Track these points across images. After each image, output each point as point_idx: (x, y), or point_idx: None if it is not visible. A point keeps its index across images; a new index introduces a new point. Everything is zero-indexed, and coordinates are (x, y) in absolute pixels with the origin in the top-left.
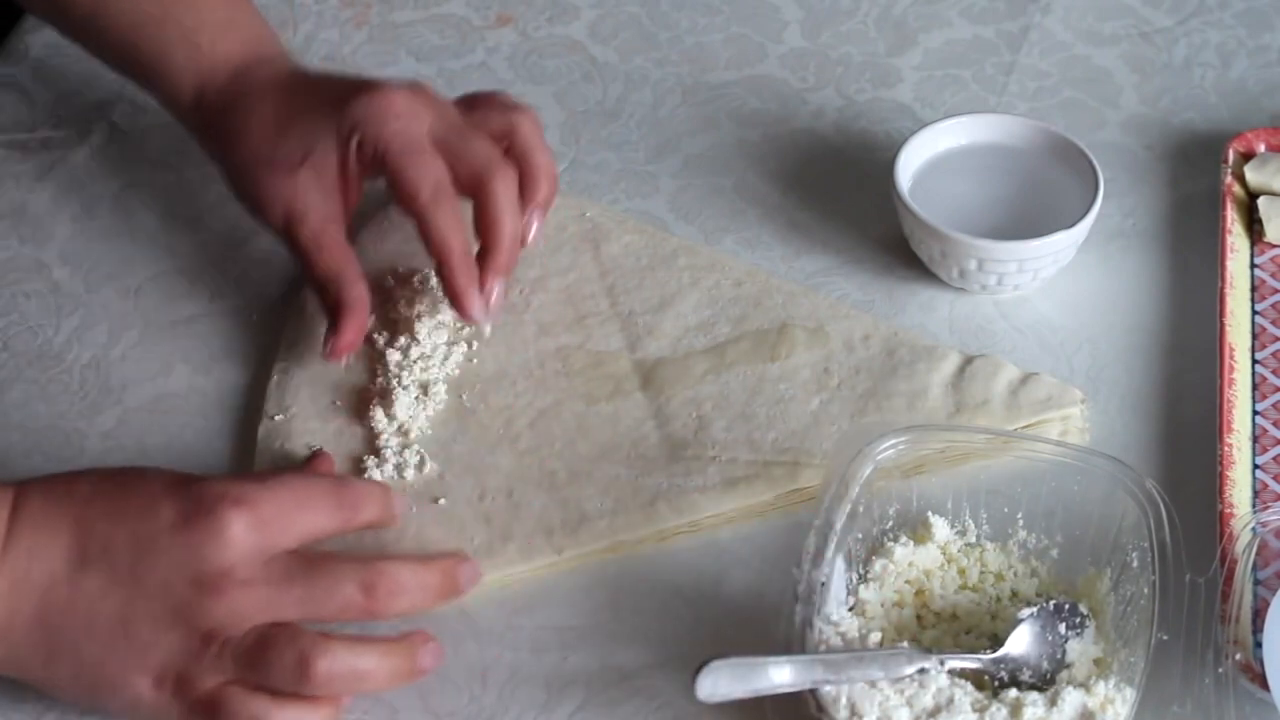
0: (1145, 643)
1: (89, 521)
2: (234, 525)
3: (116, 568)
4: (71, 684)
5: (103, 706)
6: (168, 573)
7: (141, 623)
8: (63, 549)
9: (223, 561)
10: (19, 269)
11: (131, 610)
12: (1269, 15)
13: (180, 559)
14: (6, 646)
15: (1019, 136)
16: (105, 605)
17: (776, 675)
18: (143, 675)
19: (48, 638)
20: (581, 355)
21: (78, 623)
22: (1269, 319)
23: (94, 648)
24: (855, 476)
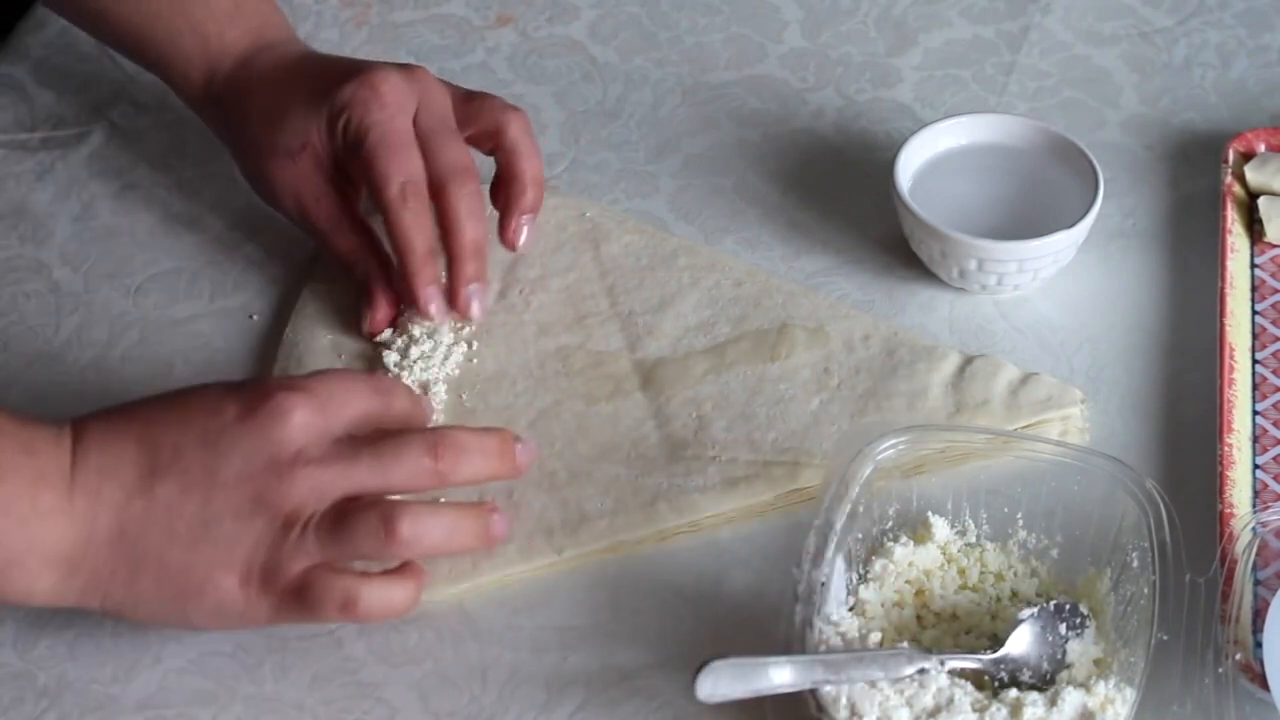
0: (1145, 643)
1: (154, 434)
2: (296, 409)
3: (189, 470)
4: (155, 596)
5: (187, 615)
6: (241, 464)
7: (223, 518)
8: (132, 464)
9: (292, 443)
10: (19, 269)
11: (210, 508)
12: (1269, 15)
13: (251, 448)
14: (87, 570)
15: (1019, 136)
16: (184, 508)
17: (777, 675)
18: (229, 572)
19: (129, 552)
20: (581, 355)
21: (158, 531)
22: (1269, 319)
23: (177, 552)
24: (855, 476)
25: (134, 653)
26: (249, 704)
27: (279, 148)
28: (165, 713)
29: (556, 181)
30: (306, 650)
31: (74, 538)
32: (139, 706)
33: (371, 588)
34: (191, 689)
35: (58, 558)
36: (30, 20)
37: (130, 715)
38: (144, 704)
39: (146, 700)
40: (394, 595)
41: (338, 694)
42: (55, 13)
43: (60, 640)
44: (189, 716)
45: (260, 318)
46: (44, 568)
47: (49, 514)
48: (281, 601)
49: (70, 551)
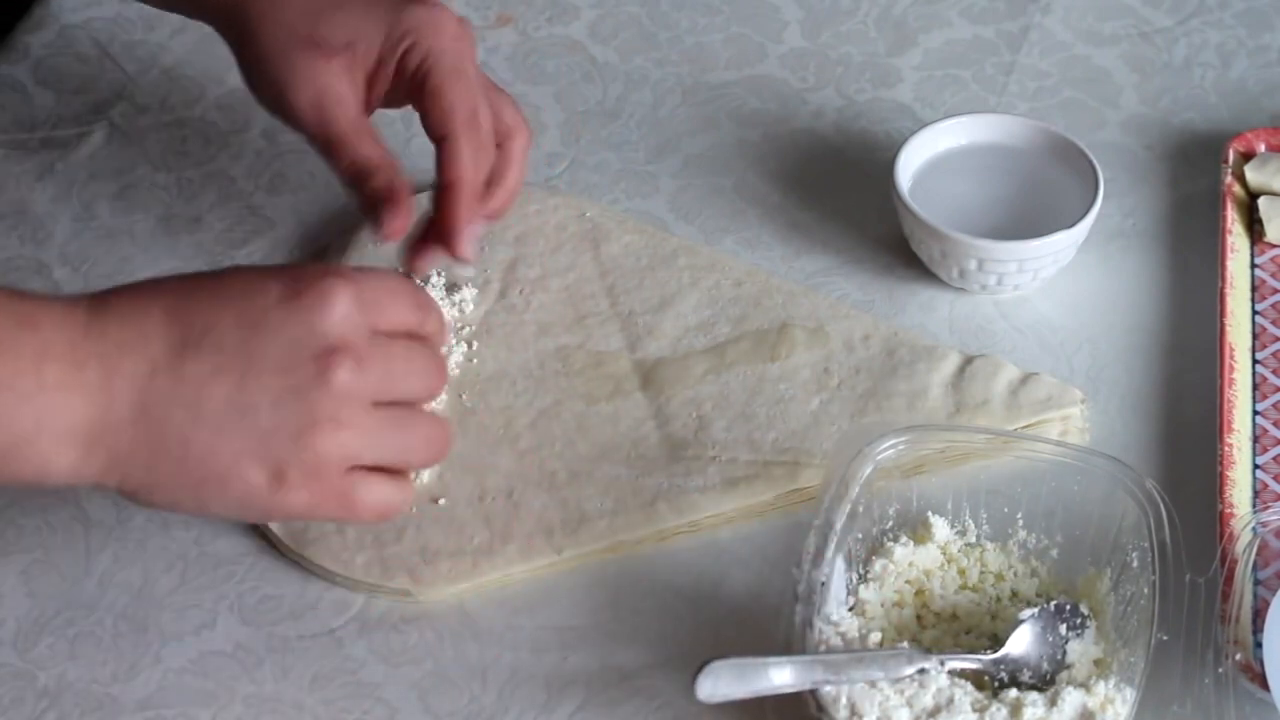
0: (1145, 643)
1: (186, 308)
2: (341, 300)
3: (224, 349)
4: (175, 483)
5: (205, 502)
6: (282, 351)
7: (259, 406)
8: (159, 337)
9: (335, 335)
10: (19, 269)
11: (245, 393)
12: (1269, 15)
13: (294, 335)
14: (106, 447)
15: (1019, 136)
16: (215, 389)
17: (777, 676)
18: (258, 465)
19: (151, 430)
20: (581, 355)
21: (184, 410)
22: (1269, 319)
23: (203, 435)
24: (855, 476)
25: (134, 653)
26: (249, 704)
27: (316, 39)
28: (165, 713)
29: (557, 181)
30: (306, 650)
31: (89, 413)
32: (139, 706)
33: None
34: (191, 689)
35: (73, 434)
36: (30, 20)
37: (130, 715)
38: (144, 704)
39: (146, 700)
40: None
41: (338, 694)
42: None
43: (60, 640)
44: (189, 716)
45: None
46: (59, 445)
47: (57, 389)
48: (314, 501)
49: (87, 427)
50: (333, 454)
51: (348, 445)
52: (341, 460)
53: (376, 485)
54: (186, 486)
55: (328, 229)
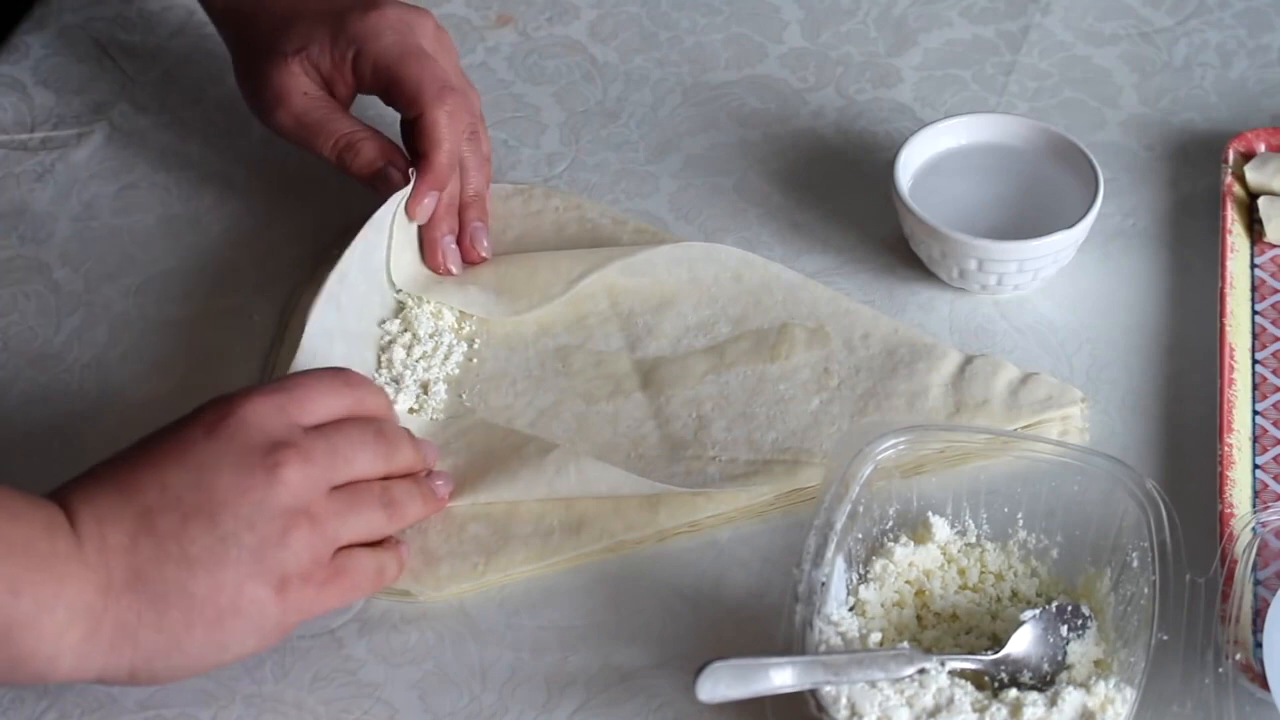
0: (1145, 643)
1: (133, 477)
2: (255, 408)
3: (183, 499)
4: (188, 630)
5: (226, 643)
6: (230, 476)
7: (235, 530)
8: (124, 509)
9: (267, 441)
10: (19, 269)
11: (218, 525)
12: (1269, 15)
13: (233, 459)
14: (112, 621)
15: (1019, 136)
16: (192, 533)
17: (777, 677)
18: (260, 583)
19: (151, 592)
20: (581, 355)
21: (173, 564)
22: (1269, 319)
23: (200, 579)
24: (855, 476)
25: None
26: (249, 704)
27: (275, 49)
28: (165, 713)
29: (557, 181)
30: (306, 650)
31: (93, 585)
32: (139, 706)
33: (388, 556)
34: (191, 689)
35: (82, 607)
36: (30, 20)
37: (130, 715)
38: (144, 704)
39: (146, 700)
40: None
41: (338, 694)
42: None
43: None
44: (189, 716)
45: (260, 318)
46: (71, 619)
47: (66, 558)
48: (318, 593)
49: (92, 601)
50: (317, 545)
51: (325, 532)
52: (325, 547)
53: (363, 557)
54: (201, 633)
55: (328, 229)
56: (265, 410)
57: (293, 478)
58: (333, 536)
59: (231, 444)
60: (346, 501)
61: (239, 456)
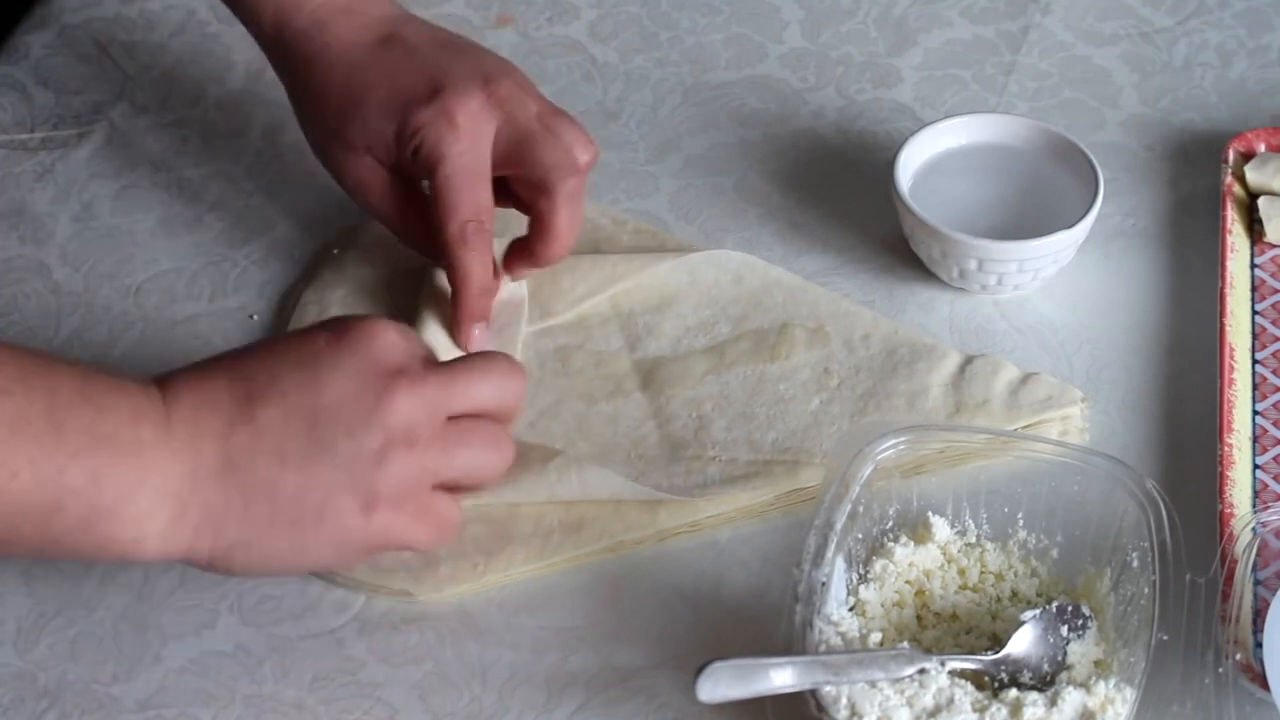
0: (1145, 643)
1: (244, 367)
2: (386, 330)
3: (288, 393)
4: (271, 529)
5: (307, 547)
6: (343, 382)
7: (335, 438)
8: (227, 396)
9: (389, 360)
10: (19, 269)
11: (319, 428)
12: (1269, 15)
13: (350, 365)
14: (198, 506)
15: (1019, 136)
16: (291, 431)
17: (777, 677)
18: (349, 495)
19: (239, 481)
20: (581, 355)
21: (267, 456)
22: (1269, 319)
23: (290, 475)
24: (855, 476)
25: (134, 653)
26: (249, 704)
27: (344, 139)
28: (165, 713)
29: None
30: (307, 650)
31: (179, 471)
32: (139, 706)
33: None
34: (192, 689)
35: (167, 492)
36: (30, 20)
37: (130, 715)
38: (144, 704)
39: (147, 700)
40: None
41: (338, 694)
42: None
43: (61, 640)
44: (189, 716)
45: (260, 318)
46: (156, 504)
47: (152, 445)
48: (406, 521)
49: (178, 486)
50: (413, 471)
51: (425, 460)
52: (423, 475)
53: (454, 505)
54: (282, 532)
55: (328, 229)
56: (391, 336)
57: (403, 401)
58: (432, 468)
59: (352, 355)
60: (456, 436)
61: (356, 368)
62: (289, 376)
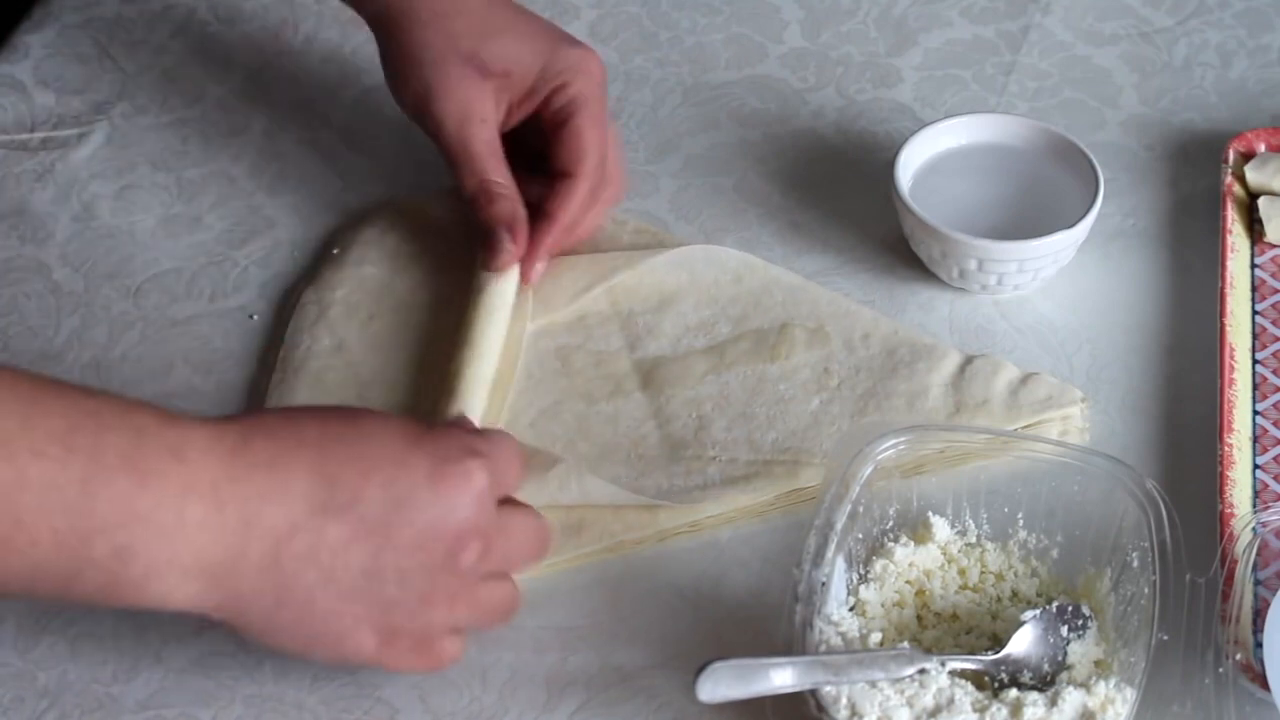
0: (1145, 643)
1: (330, 469)
2: (480, 479)
3: (366, 520)
4: (289, 631)
5: (312, 652)
6: (422, 531)
7: (386, 578)
8: (302, 495)
9: (471, 518)
10: (19, 269)
11: (378, 563)
12: (1269, 15)
13: (434, 516)
14: (230, 588)
15: (1019, 136)
16: (351, 558)
17: (777, 677)
18: (374, 630)
19: (279, 583)
20: (581, 355)
21: (318, 572)
22: (1269, 319)
23: (330, 597)
24: (855, 476)
25: (135, 652)
26: (249, 704)
27: (479, 59)
28: (166, 713)
29: None
30: None
31: (222, 555)
32: (139, 706)
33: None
34: (192, 689)
35: (200, 570)
36: (30, 20)
37: (131, 715)
38: (144, 704)
39: (147, 700)
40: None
41: (338, 694)
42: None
43: (61, 640)
44: (189, 716)
45: (260, 318)
46: (185, 578)
47: (196, 527)
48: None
49: (215, 568)
50: (445, 625)
51: (458, 618)
52: (449, 629)
53: (459, 642)
54: (300, 638)
55: (328, 229)
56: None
57: (466, 566)
58: (460, 623)
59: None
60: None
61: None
62: (373, 504)
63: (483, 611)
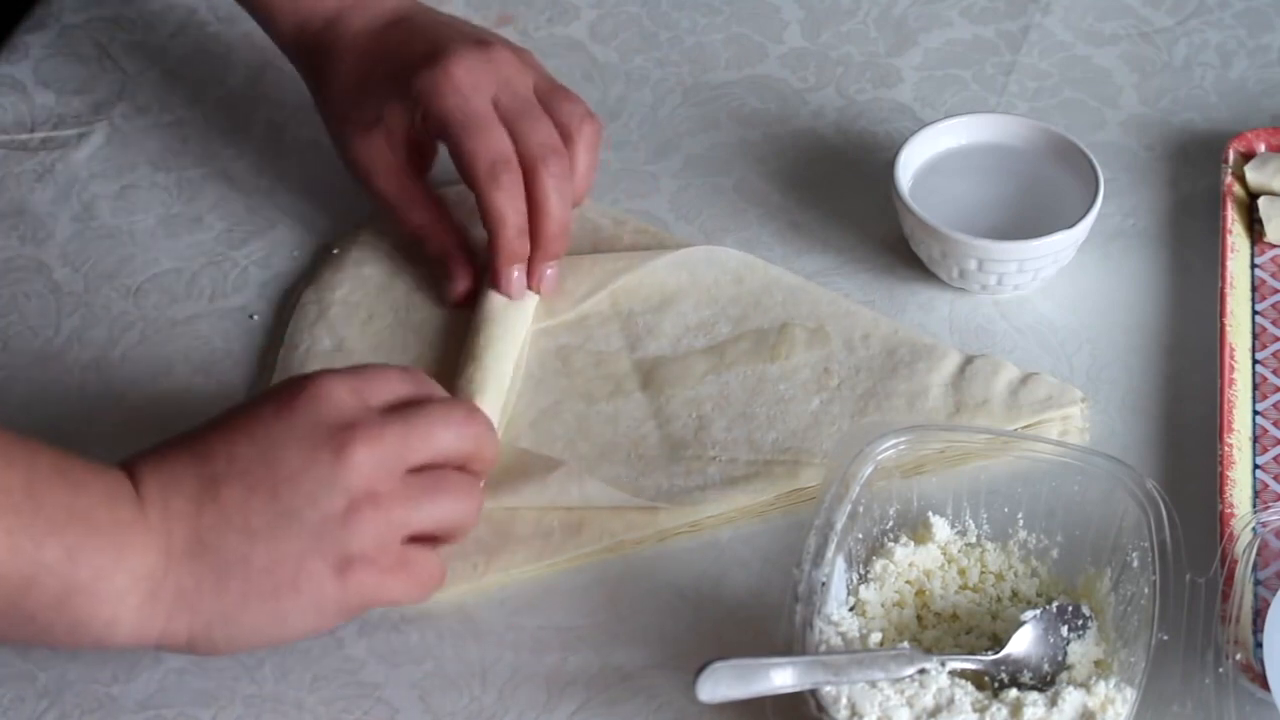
0: (1145, 643)
1: (203, 447)
2: (331, 388)
3: (249, 470)
4: (246, 601)
5: (285, 618)
6: (296, 451)
7: (300, 508)
8: (191, 476)
9: (339, 418)
10: (19, 269)
11: (282, 500)
12: (1269, 15)
13: (301, 433)
14: (171, 587)
15: (1019, 136)
16: (255, 505)
17: (778, 677)
18: (321, 559)
19: (211, 560)
20: (581, 355)
21: (235, 533)
22: (1269, 319)
23: (261, 549)
24: (855, 476)
25: (135, 652)
26: (249, 704)
27: (353, 119)
28: (165, 713)
29: None
30: (307, 650)
31: (154, 553)
32: (139, 706)
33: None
34: (192, 689)
35: (143, 573)
36: (30, 20)
37: (130, 715)
38: (144, 704)
39: (147, 700)
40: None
41: (338, 694)
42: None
43: None
44: (189, 716)
45: (260, 318)
46: (131, 584)
47: (129, 525)
48: (380, 578)
49: (153, 567)
50: (382, 529)
51: (392, 515)
52: (391, 531)
53: (429, 554)
54: (260, 605)
55: (328, 229)
56: (338, 390)
57: (360, 458)
58: (400, 522)
59: (301, 420)
60: (421, 487)
61: (307, 433)
62: (245, 452)
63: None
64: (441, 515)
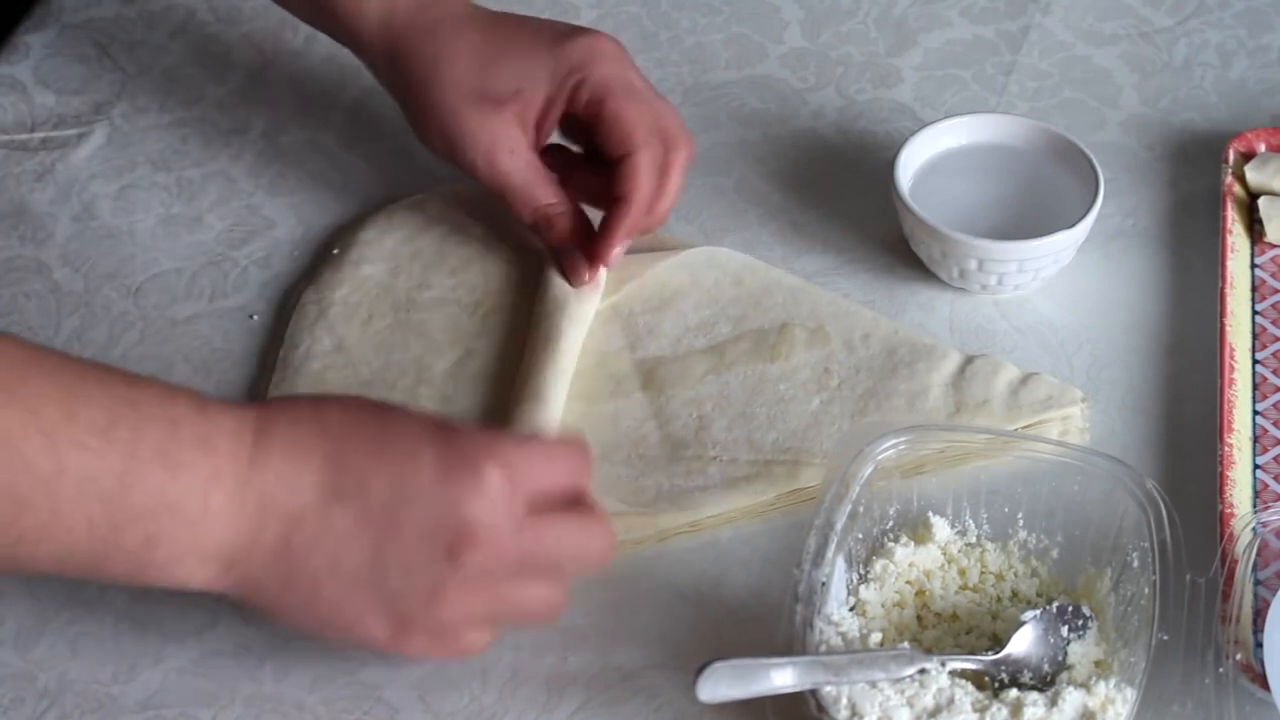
0: (1146, 643)
1: (344, 457)
2: (492, 484)
3: (371, 509)
4: (301, 614)
5: (325, 636)
6: (424, 523)
7: (391, 569)
8: (313, 481)
9: (479, 521)
10: (19, 269)
11: (382, 555)
12: (1269, 15)
13: (439, 511)
14: (242, 571)
15: (1019, 136)
16: (355, 545)
17: (778, 677)
18: (383, 620)
19: (289, 567)
20: (582, 355)
21: (323, 559)
22: (1269, 319)
23: (335, 586)
24: (855, 476)
25: (135, 652)
26: (249, 704)
27: (485, 93)
28: (165, 713)
29: None
30: (307, 650)
31: (238, 540)
32: (139, 706)
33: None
34: (192, 689)
35: (218, 554)
36: (30, 20)
37: (131, 715)
38: (144, 704)
39: (147, 700)
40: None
41: (338, 694)
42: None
43: (61, 640)
44: (189, 716)
45: (260, 318)
46: (203, 563)
47: (218, 515)
48: (430, 648)
49: (232, 551)
50: (462, 619)
51: (472, 610)
52: (463, 621)
53: (484, 634)
54: (310, 622)
55: (328, 229)
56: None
57: (471, 568)
58: (476, 616)
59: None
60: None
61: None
62: (378, 491)
63: (510, 610)
64: (522, 612)
